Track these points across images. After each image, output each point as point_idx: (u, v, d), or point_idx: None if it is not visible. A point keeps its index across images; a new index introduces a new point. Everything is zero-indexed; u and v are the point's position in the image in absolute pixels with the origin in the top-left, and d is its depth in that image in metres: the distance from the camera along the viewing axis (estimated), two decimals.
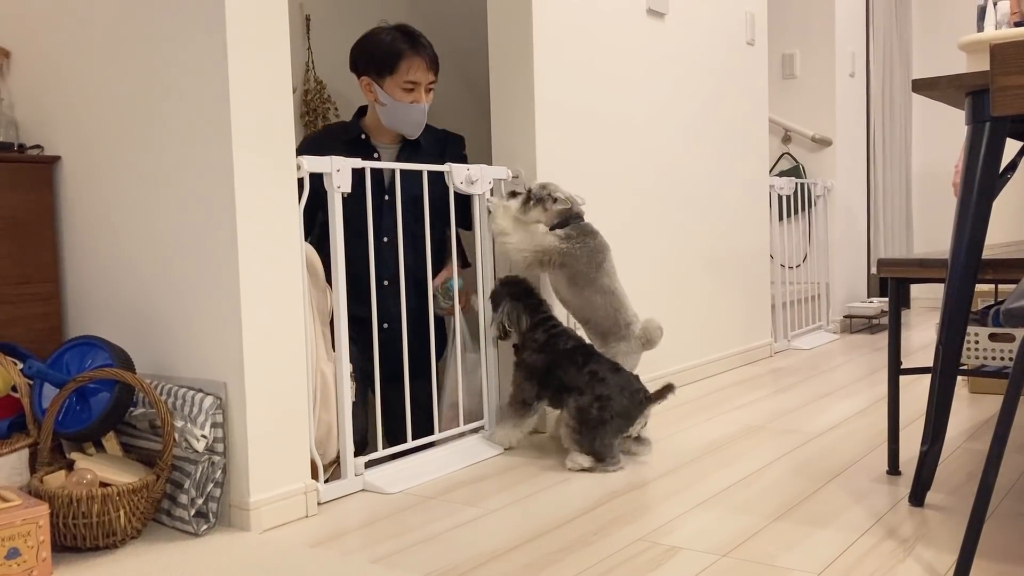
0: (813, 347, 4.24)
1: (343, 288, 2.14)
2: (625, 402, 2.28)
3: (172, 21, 1.94)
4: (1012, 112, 1.60)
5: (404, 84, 2.51)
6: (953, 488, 2.04)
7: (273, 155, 1.93)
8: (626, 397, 2.29)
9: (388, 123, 2.57)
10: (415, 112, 2.55)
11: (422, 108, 2.55)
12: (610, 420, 2.27)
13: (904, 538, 1.75)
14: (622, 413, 2.28)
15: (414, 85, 2.52)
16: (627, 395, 2.29)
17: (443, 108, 3.60)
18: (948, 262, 1.82)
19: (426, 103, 2.56)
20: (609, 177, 3.01)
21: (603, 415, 2.27)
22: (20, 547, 1.61)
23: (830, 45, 4.74)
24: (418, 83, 2.52)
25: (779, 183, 4.21)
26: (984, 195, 1.74)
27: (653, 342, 2.54)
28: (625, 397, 2.29)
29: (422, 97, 2.55)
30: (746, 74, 3.82)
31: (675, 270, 3.36)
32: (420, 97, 2.54)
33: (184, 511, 1.86)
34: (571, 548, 1.75)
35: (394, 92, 2.51)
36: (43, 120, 2.27)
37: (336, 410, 2.16)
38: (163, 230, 2.02)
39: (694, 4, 3.44)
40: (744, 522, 1.87)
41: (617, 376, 2.33)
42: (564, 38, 2.79)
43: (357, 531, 1.89)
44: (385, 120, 2.57)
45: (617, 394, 2.29)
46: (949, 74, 2.23)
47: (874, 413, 2.81)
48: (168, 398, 1.93)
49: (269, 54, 1.92)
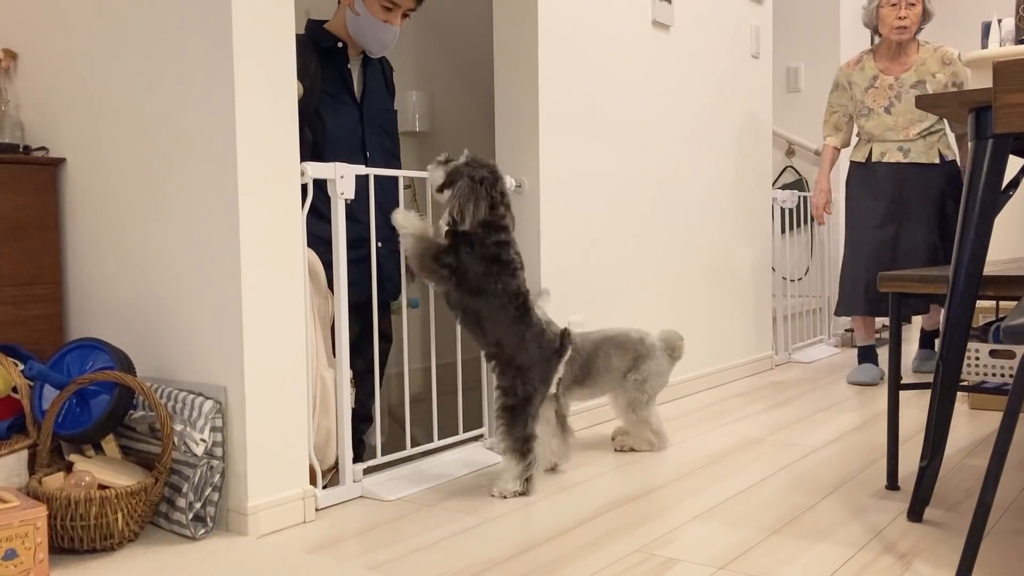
0: (814, 360, 4.23)
1: (344, 296, 2.14)
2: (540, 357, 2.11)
3: (179, 26, 1.94)
4: (1014, 129, 1.60)
5: (385, 2, 2.43)
6: (952, 504, 2.04)
7: (276, 160, 1.94)
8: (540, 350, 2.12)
9: (355, 34, 2.47)
10: (386, 32, 2.47)
11: (394, 31, 2.48)
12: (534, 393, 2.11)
13: (902, 554, 1.74)
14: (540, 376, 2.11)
15: (393, 6, 2.44)
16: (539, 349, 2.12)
17: (448, 117, 3.62)
18: (949, 278, 1.82)
19: (399, 27, 2.49)
20: (612, 188, 3.01)
21: (527, 389, 2.11)
22: (17, 548, 1.61)
23: (834, 58, 4.75)
24: (398, 5, 2.45)
25: (782, 196, 4.22)
26: (986, 211, 1.74)
27: (679, 351, 2.54)
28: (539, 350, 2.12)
29: (397, 20, 2.47)
30: (750, 87, 3.83)
31: (677, 281, 3.36)
32: (395, 19, 2.47)
33: (182, 515, 1.86)
34: (568, 558, 1.75)
35: (372, 6, 2.43)
36: (49, 122, 2.28)
37: (336, 416, 2.16)
38: (166, 234, 2.03)
39: (699, 17, 3.46)
40: (742, 535, 1.86)
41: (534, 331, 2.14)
42: (569, 49, 2.80)
43: (354, 538, 1.89)
44: (352, 30, 2.47)
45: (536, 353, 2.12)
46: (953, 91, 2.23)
47: (874, 427, 2.81)
48: (168, 401, 1.93)
49: (274, 58, 1.93)
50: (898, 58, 3.60)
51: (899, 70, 3.59)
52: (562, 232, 2.76)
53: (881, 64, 3.62)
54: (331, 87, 2.42)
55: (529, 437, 2.13)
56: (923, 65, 3.56)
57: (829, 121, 3.77)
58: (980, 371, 2.20)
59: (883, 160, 3.60)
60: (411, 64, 3.55)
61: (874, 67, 3.62)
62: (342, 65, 2.48)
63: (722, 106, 3.63)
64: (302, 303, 2.00)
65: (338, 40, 2.47)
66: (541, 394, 2.17)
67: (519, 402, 2.12)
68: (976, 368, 2.20)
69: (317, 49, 2.42)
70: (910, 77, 3.56)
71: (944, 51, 3.56)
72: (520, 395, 2.12)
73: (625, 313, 3.08)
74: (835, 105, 3.74)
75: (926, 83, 3.55)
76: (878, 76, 3.61)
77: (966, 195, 1.77)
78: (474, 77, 3.69)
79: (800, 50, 4.81)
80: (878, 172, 3.61)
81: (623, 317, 3.06)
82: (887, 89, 3.58)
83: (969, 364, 2.21)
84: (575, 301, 2.86)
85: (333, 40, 2.47)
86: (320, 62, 2.41)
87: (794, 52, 4.81)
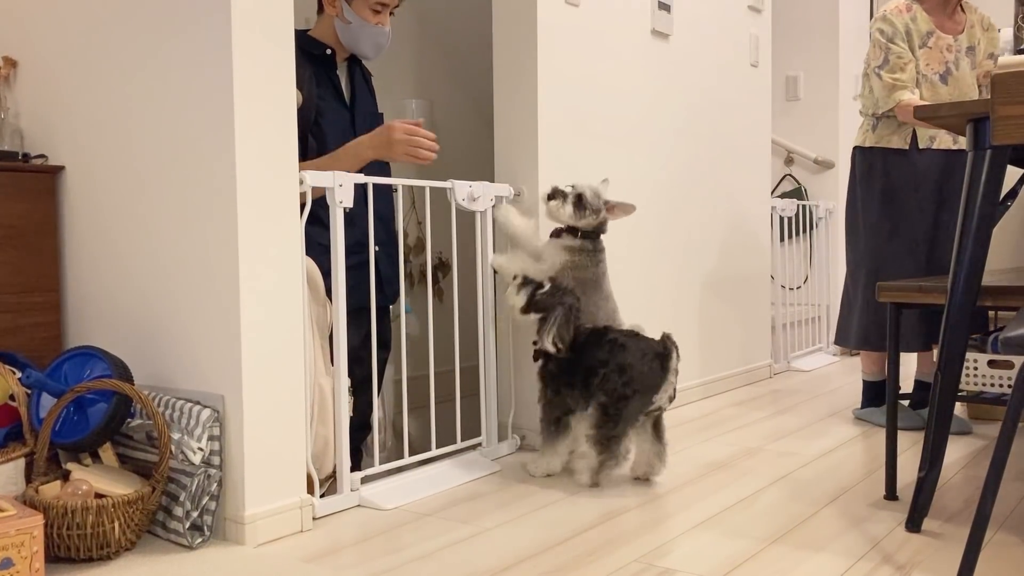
0: (813, 369, 4.23)
1: (343, 305, 2.14)
2: (646, 369, 2.22)
3: (177, 33, 1.95)
4: (1012, 141, 1.61)
5: (374, 4, 2.43)
6: (950, 515, 2.04)
7: (275, 168, 1.94)
8: (647, 364, 2.23)
9: (348, 42, 2.47)
10: (380, 34, 2.47)
11: (387, 32, 2.48)
12: (633, 395, 2.21)
13: (900, 564, 1.74)
14: (646, 384, 2.21)
15: (382, 7, 2.44)
16: (648, 361, 2.23)
17: (447, 124, 3.62)
18: (948, 288, 1.82)
19: (388, 28, 2.50)
20: (611, 196, 3.01)
21: (626, 390, 2.21)
22: (13, 557, 1.60)
23: (834, 67, 4.76)
24: (386, 5, 2.45)
25: (781, 205, 4.22)
26: (984, 222, 1.75)
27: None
28: (646, 364, 2.23)
29: (386, 20, 2.48)
30: (749, 95, 3.84)
31: (676, 289, 3.36)
32: (385, 20, 2.47)
33: (179, 523, 1.85)
34: (566, 568, 1.75)
35: (362, 11, 2.43)
36: (48, 130, 2.28)
37: (333, 425, 2.15)
38: (165, 242, 2.03)
39: (698, 25, 3.46)
40: (740, 545, 1.86)
41: (637, 341, 2.27)
42: (568, 58, 2.81)
43: (351, 547, 1.88)
44: (346, 39, 2.46)
45: (638, 360, 2.23)
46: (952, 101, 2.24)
47: (872, 437, 2.81)
48: (166, 410, 1.93)
49: (274, 68, 1.93)
50: (953, 15, 2.86)
51: (955, 30, 2.85)
52: None
53: (936, 19, 2.85)
54: (324, 95, 2.43)
55: (617, 436, 2.24)
56: (973, 28, 2.88)
57: (906, 71, 2.78)
58: (979, 381, 2.19)
59: (931, 146, 2.83)
60: (410, 71, 3.56)
61: (928, 21, 2.83)
62: (332, 72, 2.48)
63: (721, 115, 3.63)
64: (300, 311, 2.00)
65: (327, 47, 2.47)
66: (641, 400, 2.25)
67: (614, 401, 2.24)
68: (975, 378, 2.20)
69: (308, 58, 2.42)
70: (963, 41, 2.85)
71: (982, 14, 2.95)
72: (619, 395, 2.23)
73: (625, 320, 3.07)
74: (905, 55, 2.79)
75: (975, 51, 2.88)
76: (933, 33, 2.82)
77: (964, 206, 1.78)
78: (473, 85, 3.70)
79: (799, 59, 4.82)
80: (921, 162, 2.83)
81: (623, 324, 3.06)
82: (944, 52, 2.81)
83: (968, 374, 2.20)
84: None
85: (322, 48, 2.46)
86: (312, 70, 2.42)
87: (793, 61, 4.82)
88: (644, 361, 2.23)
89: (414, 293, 3.39)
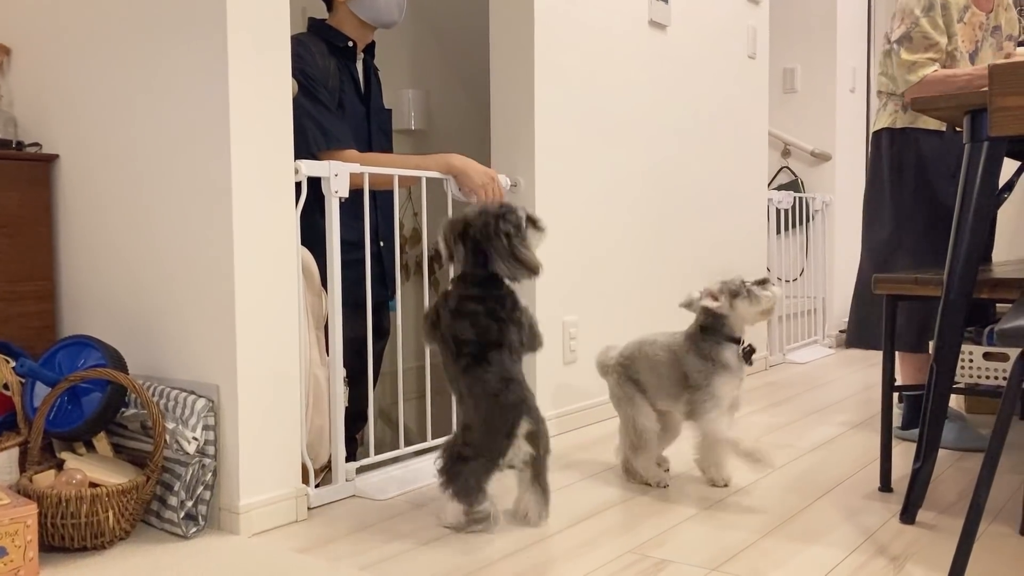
0: (808, 361, 4.24)
1: (339, 295, 2.13)
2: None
3: (173, 22, 1.94)
4: (1010, 132, 1.60)
5: None
6: (945, 507, 2.04)
7: (271, 158, 1.93)
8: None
9: (371, 16, 2.46)
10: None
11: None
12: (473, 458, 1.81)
13: (894, 556, 1.74)
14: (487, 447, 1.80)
15: None
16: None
17: (444, 115, 3.61)
18: (944, 280, 1.82)
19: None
20: (608, 187, 3.01)
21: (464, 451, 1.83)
22: (7, 546, 1.60)
23: (831, 60, 4.76)
24: None
25: (778, 197, 4.22)
26: (981, 214, 1.74)
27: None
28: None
29: None
30: (746, 87, 3.83)
31: (672, 281, 3.36)
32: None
33: (173, 513, 1.85)
34: (561, 559, 1.75)
35: None
36: (42, 118, 2.27)
37: (328, 414, 2.15)
38: (159, 231, 2.02)
39: (696, 17, 3.45)
40: (734, 537, 1.86)
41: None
42: (565, 49, 2.80)
43: (346, 537, 1.88)
44: (368, 15, 2.45)
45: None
46: (949, 93, 2.23)
47: (867, 429, 2.81)
48: (160, 399, 1.93)
49: (269, 56, 1.92)
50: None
51: (987, 7, 2.65)
52: (557, 231, 2.75)
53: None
54: (345, 88, 2.43)
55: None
56: (999, 5, 2.68)
57: (929, 52, 2.53)
58: (974, 374, 2.20)
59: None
60: (407, 62, 3.55)
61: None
62: (352, 65, 2.49)
63: (718, 106, 3.63)
64: (295, 301, 1.99)
65: (349, 39, 2.48)
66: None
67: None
68: (970, 370, 2.20)
69: (331, 49, 2.43)
70: (992, 20, 2.67)
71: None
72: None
73: (619, 314, 3.08)
74: (931, 36, 2.52)
75: (1000, 31, 2.69)
76: (969, 8, 2.60)
77: (961, 198, 1.77)
78: (470, 75, 3.69)
79: (797, 51, 4.81)
80: (955, 147, 2.54)
81: (617, 317, 3.06)
82: (976, 29, 2.60)
83: (963, 366, 2.20)
84: (569, 301, 2.86)
85: (345, 39, 2.48)
86: (337, 63, 2.42)
87: (791, 53, 4.81)
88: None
89: (409, 285, 3.38)
